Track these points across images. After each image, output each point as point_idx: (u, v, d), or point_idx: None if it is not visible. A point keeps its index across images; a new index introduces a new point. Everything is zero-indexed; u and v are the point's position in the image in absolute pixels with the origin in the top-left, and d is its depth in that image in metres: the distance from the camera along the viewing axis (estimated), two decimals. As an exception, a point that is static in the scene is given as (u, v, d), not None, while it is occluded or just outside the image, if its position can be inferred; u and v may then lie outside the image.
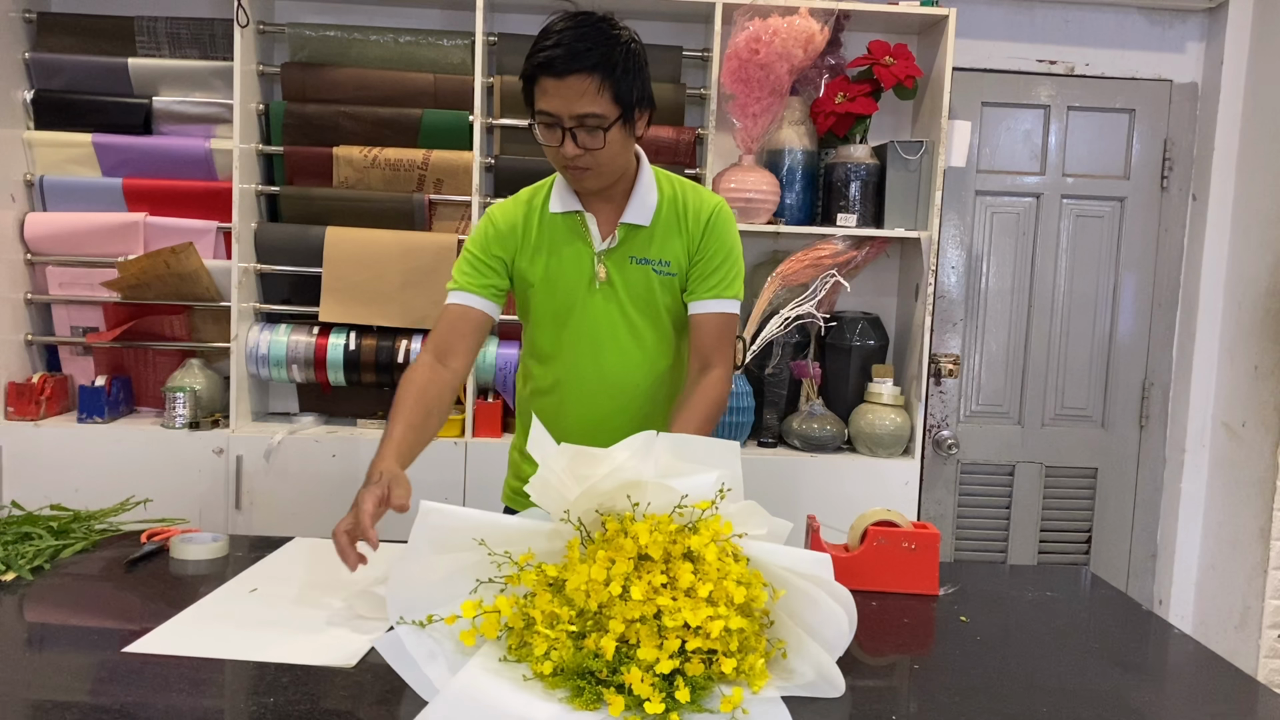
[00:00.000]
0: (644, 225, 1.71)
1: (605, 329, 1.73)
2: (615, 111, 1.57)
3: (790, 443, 2.77)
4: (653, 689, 1.10)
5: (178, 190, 2.67)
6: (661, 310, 1.75)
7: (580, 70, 1.52)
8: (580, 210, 1.71)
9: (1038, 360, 3.06)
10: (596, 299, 1.72)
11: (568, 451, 1.32)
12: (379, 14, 2.81)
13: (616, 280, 1.72)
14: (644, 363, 1.76)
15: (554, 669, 1.15)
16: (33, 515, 1.70)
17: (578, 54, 1.52)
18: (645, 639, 1.14)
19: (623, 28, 1.59)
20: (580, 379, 1.75)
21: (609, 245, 1.71)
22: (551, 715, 1.10)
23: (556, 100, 1.55)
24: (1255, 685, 1.33)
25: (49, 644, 1.32)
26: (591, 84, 1.53)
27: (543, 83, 1.55)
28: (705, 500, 1.27)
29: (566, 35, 1.53)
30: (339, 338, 2.67)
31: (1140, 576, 3.14)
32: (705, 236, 1.72)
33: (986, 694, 1.25)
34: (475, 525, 1.28)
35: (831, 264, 2.71)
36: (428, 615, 1.22)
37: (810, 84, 2.77)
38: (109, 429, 2.60)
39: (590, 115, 1.55)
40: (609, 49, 1.54)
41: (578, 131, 1.56)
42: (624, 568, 1.19)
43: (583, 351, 1.75)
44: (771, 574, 1.27)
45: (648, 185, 1.72)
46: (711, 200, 1.75)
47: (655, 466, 1.34)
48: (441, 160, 2.66)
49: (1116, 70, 3.00)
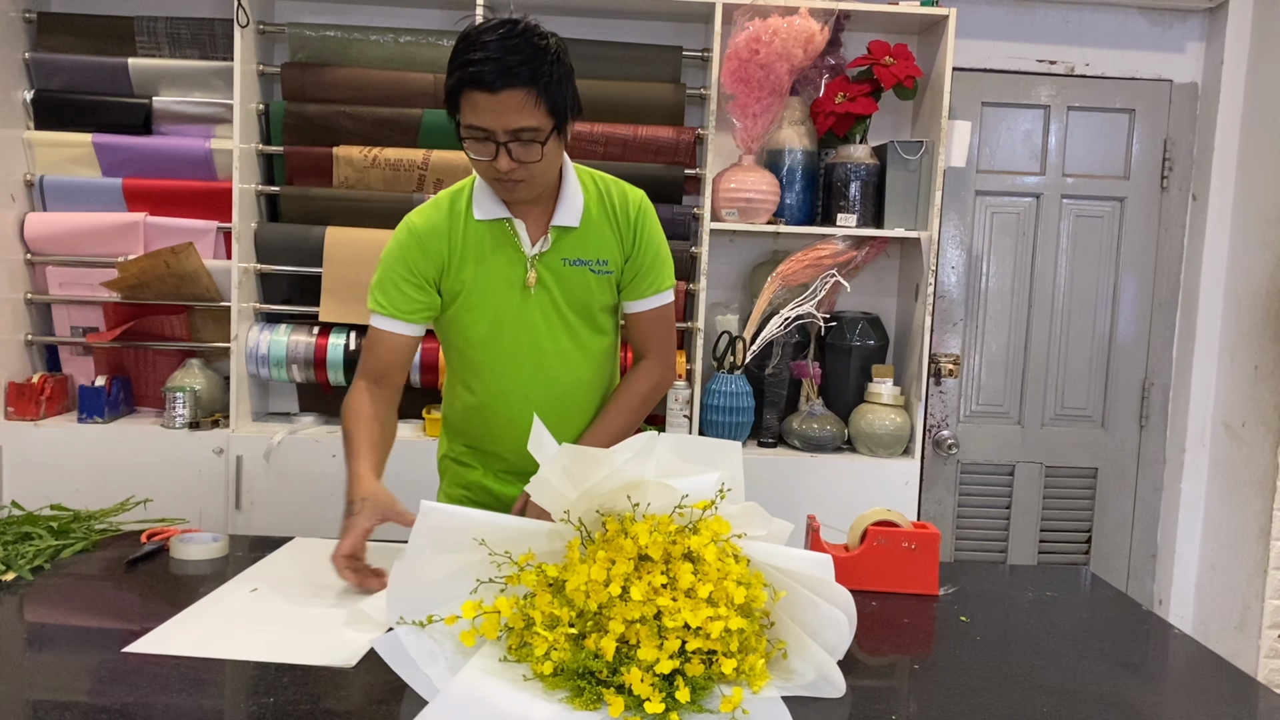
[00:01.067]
0: (574, 226, 1.67)
1: (544, 333, 1.69)
2: (550, 123, 1.52)
3: (790, 443, 2.77)
4: (653, 689, 1.10)
5: (178, 190, 2.67)
6: (596, 309, 1.73)
7: (514, 85, 1.46)
8: (508, 217, 1.66)
9: (1038, 360, 3.06)
10: (530, 304, 1.68)
11: (568, 452, 1.31)
12: (379, 14, 2.81)
13: (550, 283, 1.68)
14: (585, 361, 1.74)
15: (554, 669, 1.15)
16: (33, 515, 1.70)
17: (511, 68, 1.46)
18: (645, 639, 1.14)
19: (549, 35, 1.53)
20: (523, 388, 1.71)
21: (541, 249, 1.67)
22: (551, 715, 1.10)
23: (489, 115, 1.48)
24: (1255, 685, 1.33)
25: (49, 644, 1.32)
26: (528, 98, 1.48)
27: (472, 96, 1.48)
28: (705, 500, 1.27)
29: (495, 47, 1.47)
30: (339, 338, 2.67)
31: (1140, 576, 3.14)
32: (638, 233, 1.70)
33: (986, 694, 1.25)
34: (476, 525, 1.27)
35: (831, 264, 2.71)
36: (428, 616, 1.22)
37: (810, 84, 2.77)
38: (109, 429, 2.60)
39: (526, 129, 1.50)
40: (540, 61, 1.48)
41: (512, 146, 1.50)
42: (624, 568, 1.19)
43: (523, 359, 1.70)
44: (772, 575, 1.27)
45: (574, 187, 1.68)
46: (634, 194, 1.73)
47: (656, 467, 1.34)
48: (441, 160, 2.66)
49: (1116, 70, 3.00)
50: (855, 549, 1.62)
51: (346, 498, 1.55)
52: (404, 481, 2.56)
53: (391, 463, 2.57)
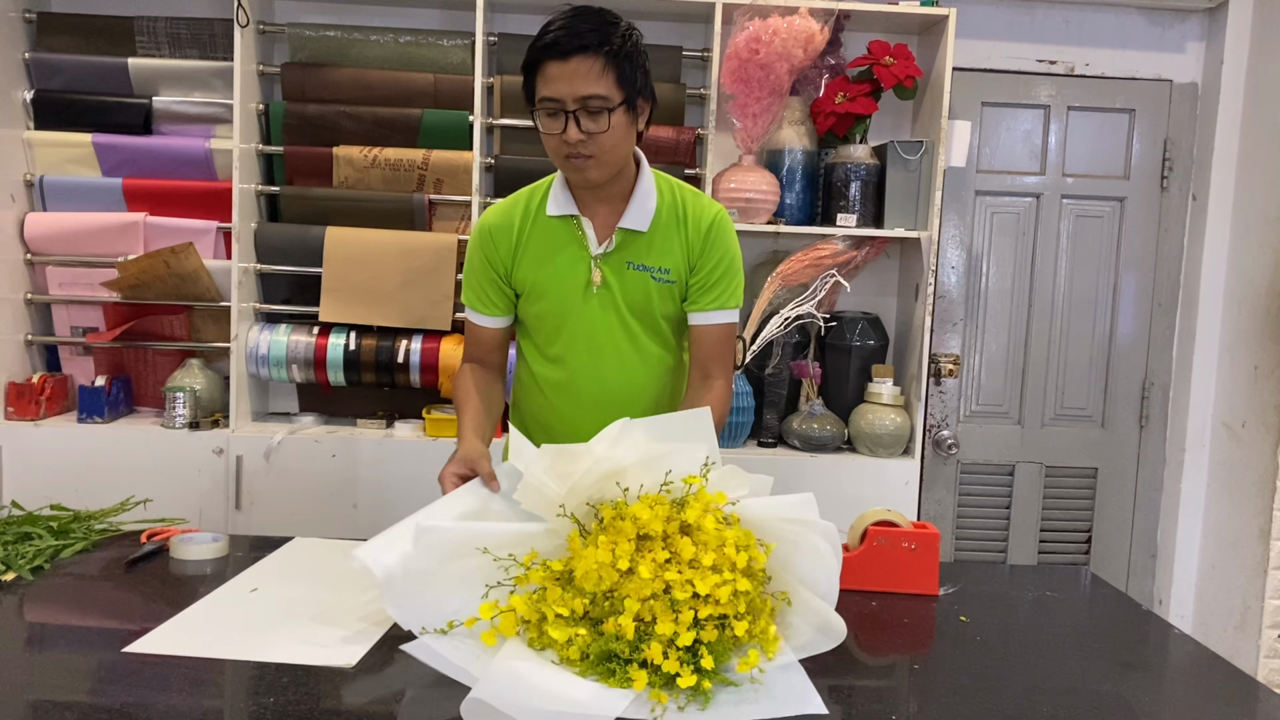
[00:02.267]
0: (642, 231, 1.68)
1: (603, 335, 1.71)
2: (619, 95, 1.56)
3: (790, 443, 2.77)
4: (679, 663, 1.13)
5: (178, 190, 2.67)
6: (659, 317, 1.73)
7: (584, 50, 1.52)
8: (576, 214, 1.69)
9: (1038, 360, 3.06)
10: (593, 304, 1.70)
11: (548, 453, 1.32)
12: (379, 14, 2.80)
13: (614, 285, 1.69)
14: (643, 368, 1.74)
15: (580, 654, 1.17)
16: (33, 515, 1.70)
17: (580, 34, 1.52)
18: (661, 614, 1.16)
19: (622, 19, 1.60)
20: (578, 385, 1.74)
21: (605, 250, 1.68)
22: (592, 693, 1.12)
23: (560, 83, 1.54)
24: (1255, 685, 1.33)
25: (49, 644, 1.32)
26: (595, 64, 1.53)
27: (546, 68, 1.54)
28: (691, 475, 1.30)
29: (569, 21, 1.54)
30: (339, 338, 2.67)
31: (1140, 576, 3.14)
32: (707, 246, 1.70)
33: (986, 694, 1.25)
34: (474, 536, 1.28)
35: (831, 264, 2.71)
36: (448, 622, 1.22)
37: (810, 84, 2.77)
38: (109, 429, 2.60)
39: (594, 97, 1.54)
40: (609, 31, 1.55)
41: (581, 115, 1.55)
42: (627, 549, 1.21)
43: (580, 358, 1.72)
44: (761, 529, 1.30)
45: (647, 189, 1.69)
46: (712, 208, 1.73)
47: (634, 452, 1.35)
48: (441, 160, 2.66)
49: (1116, 70, 3.00)
50: (855, 549, 1.62)
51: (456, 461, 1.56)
52: (405, 481, 2.59)
53: (391, 463, 2.59)
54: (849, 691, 1.24)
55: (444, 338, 2.69)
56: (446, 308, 2.66)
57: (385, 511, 2.52)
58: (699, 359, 1.74)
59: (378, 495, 2.59)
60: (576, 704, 1.10)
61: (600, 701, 1.11)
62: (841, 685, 1.26)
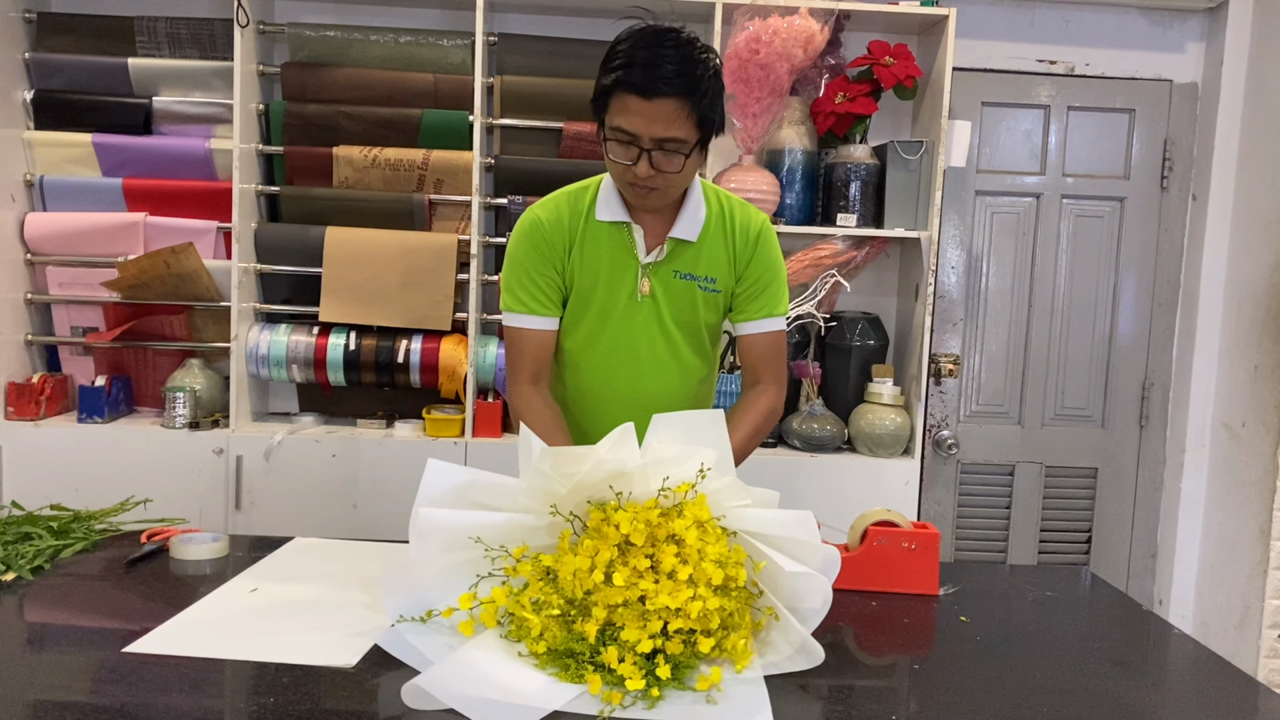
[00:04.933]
0: (692, 241, 1.67)
1: (644, 343, 1.70)
2: (696, 136, 1.52)
3: (790, 443, 2.77)
4: (634, 667, 1.15)
5: (178, 190, 2.67)
6: (702, 326, 1.72)
7: (671, 95, 1.46)
8: (628, 221, 1.66)
9: (1038, 360, 3.06)
10: (638, 312, 1.69)
11: (547, 456, 1.32)
12: (379, 14, 2.80)
13: (660, 295, 1.68)
14: (680, 378, 1.73)
15: (546, 648, 1.19)
16: (33, 515, 1.70)
17: (669, 79, 1.46)
18: (630, 621, 1.18)
19: (710, 51, 1.53)
20: (612, 391, 1.72)
21: (655, 259, 1.67)
22: (541, 685, 1.14)
23: (639, 120, 1.49)
24: (1255, 685, 1.33)
25: (49, 644, 1.32)
26: (681, 109, 1.48)
27: (626, 99, 1.49)
28: (687, 482, 1.29)
29: (657, 55, 1.46)
30: (339, 338, 2.67)
31: (1140, 576, 3.14)
32: (754, 255, 1.69)
33: (986, 694, 1.25)
34: (473, 526, 1.29)
35: (831, 264, 2.71)
36: (427, 611, 1.23)
37: (810, 84, 2.77)
38: (109, 429, 2.60)
39: (672, 140, 1.50)
40: (699, 73, 1.48)
41: (655, 154, 1.51)
42: (608, 555, 1.23)
43: (618, 364, 1.71)
44: (753, 545, 1.29)
45: (697, 200, 1.68)
46: (759, 217, 1.73)
47: (639, 455, 1.32)
48: (441, 160, 2.66)
49: (1116, 70, 3.00)
50: (855, 549, 1.62)
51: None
52: (405, 481, 2.57)
53: (391, 463, 2.59)
54: (849, 691, 1.24)
55: (444, 338, 2.69)
56: (446, 308, 2.66)
57: (385, 511, 2.54)
58: (749, 366, 1.74)
59: (378, 495, 2.59)
60: (518, 695, 1.12)
61: (543, 694, 1.12)
62: (841, 685, 1.26)
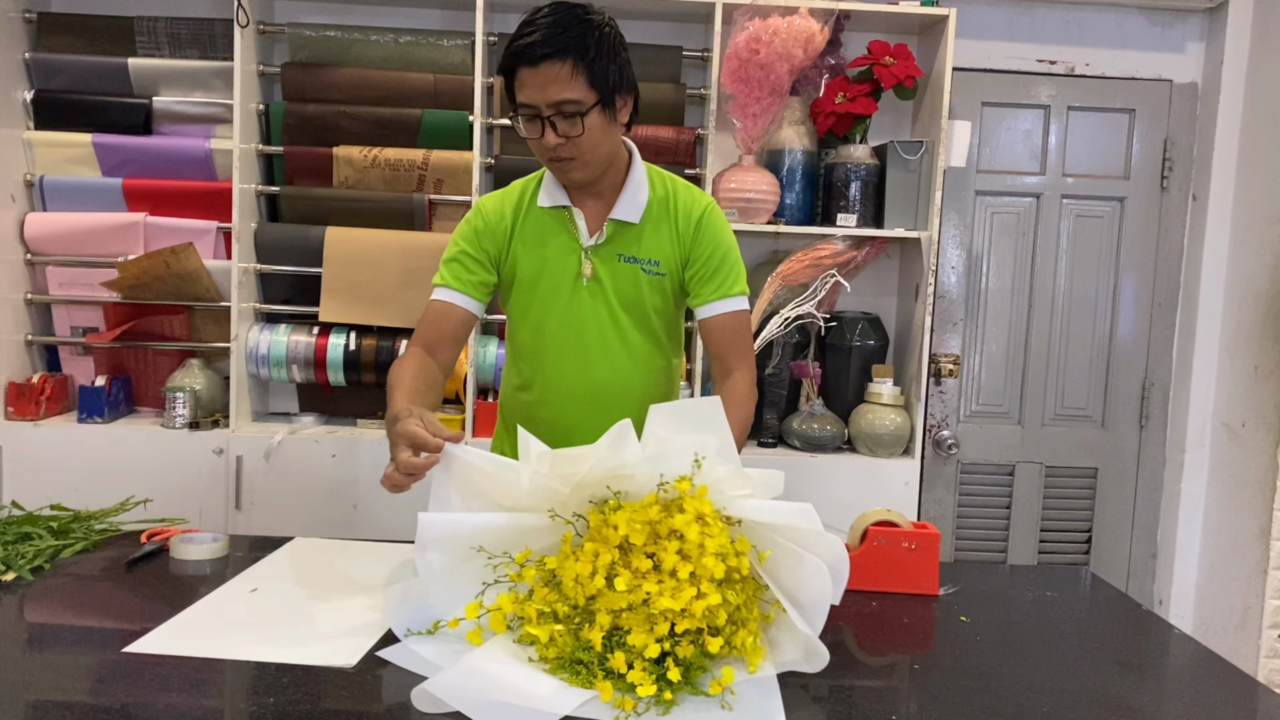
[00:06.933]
0: (633, 222, 1.68)
1: (592, 328, 1.70)
2: (592, 97, 1.54)
3: (790, 443, 2.77)
4: (644, 673, 1.13)
5: (178, 190, 2.67)
6: (650, 311, 1.72)
7: (552, 56, 1.51)
8: (568, 205, 1.68)
9: (1038, 360, 3.06)
10: (583, 296, 1.69)
11: (545, 459, 1.31)
12: (379, 14, 2.81)
13: (604, 278, 1.69)
14: (631, 365, 1.72)
15: (556, 654, 1.18)
16: (33, 515, 1.70)
17: (549, 39, 1.50)
18: (636, 625, 1.16)
19: (598, 13, 1.57)
20: (564, 379, 1.72)
21: (596, 241, 1.68)
22: (552, 689, 1.13)
23: (532, 89, 1.53)
24: (1255, 685, 1.32)
25: (49, 644, 1.32)
26: (565, 69, 1.51)
27: (520, 74, 1.54)
28: (687, 477, 1.26)
29: (536, 24, 1.52)
30: (339, 338, 2.67)
31: (1140, 576, 3.14)
32: (697, 237, 1.69)
33: (986, 694, 1.25)
34: (476, 530, 1.28)
35: (831, 264, 2.71)
36: (434, 623, 1.23)
37: (810, 84, 2.77)
38: (109, 429, 2.60)
39: (566, 101, 1.53)
40: (582, 33, 1.52)
41: (556, 120, 1.54)
42: (609, 558, 1.21)
43: (567, 351, 1.71)
44: (758, 535, 1.27)
45: (638, 182, 1.69)
46: (703, 199, 1.72)
47: (637, 451, 1.29)
48: (441, 160, 2.66)
49: (1116, 70, 3.00)
50: (855, 549, 1.62)
51: (387, 424, 1.42)
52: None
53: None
54: (849, 691, 1.24)
55: (444, 338, 2.69)
56: (446, 308, 2.66)
57: (385, 511, 2.54)
58: (716, 354, 1.72)
59: (378, 495, 2.57)
60: (528, 698, 1.10)
61: (553, 699, 1.11)
62: (841, 685, 1.26)
